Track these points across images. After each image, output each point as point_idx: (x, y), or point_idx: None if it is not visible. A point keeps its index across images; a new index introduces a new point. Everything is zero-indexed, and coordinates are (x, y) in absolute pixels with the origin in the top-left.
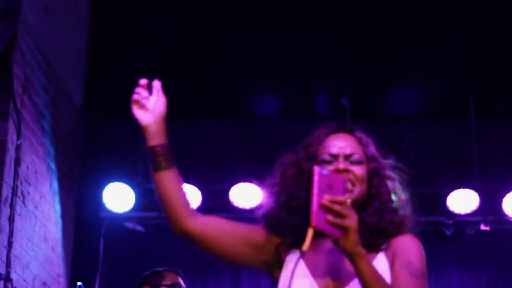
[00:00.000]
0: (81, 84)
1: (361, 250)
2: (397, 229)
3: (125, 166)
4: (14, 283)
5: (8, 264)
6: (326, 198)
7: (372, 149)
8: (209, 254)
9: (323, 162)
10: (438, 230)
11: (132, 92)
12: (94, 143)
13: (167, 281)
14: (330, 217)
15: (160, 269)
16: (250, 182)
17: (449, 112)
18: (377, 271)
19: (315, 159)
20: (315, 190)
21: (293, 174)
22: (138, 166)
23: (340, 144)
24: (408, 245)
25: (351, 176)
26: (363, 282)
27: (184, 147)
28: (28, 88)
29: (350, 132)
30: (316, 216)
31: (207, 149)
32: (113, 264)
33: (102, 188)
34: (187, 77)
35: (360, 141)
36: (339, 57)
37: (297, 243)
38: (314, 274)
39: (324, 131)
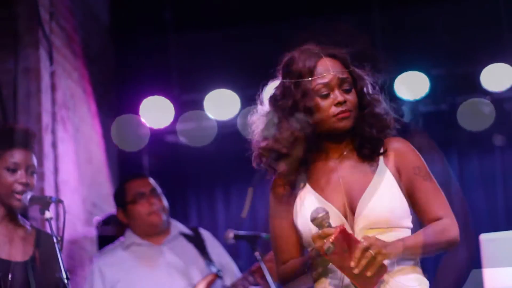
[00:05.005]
0: (106, 4)
1: (397, 249)
2: (390, 131)
3: (160, 81)
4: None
5: (56, 189)
6: (353, 266)
7: (357, 68)
8: None
9: (322, 97)
10: (477, 109)
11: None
12: (126, 61)
13: None
14: (369, 273)
15: None
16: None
17: None
18: (414, 240)
19: (311, 93)
20: (344, 270)
21: (288, 107)
22: (172, 78)
23: (330, 72)
24: (406, 150)
25: (348, 105)
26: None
27: (220, 55)
28: (55, 14)
29: (334, 56)
30: (362, 284)
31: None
32: (159, 179)
33: (139, 105)
34: None
35: (344, 63)
36: None
37: (301, 178)
38: (326, 194)
39: (309, 58)
